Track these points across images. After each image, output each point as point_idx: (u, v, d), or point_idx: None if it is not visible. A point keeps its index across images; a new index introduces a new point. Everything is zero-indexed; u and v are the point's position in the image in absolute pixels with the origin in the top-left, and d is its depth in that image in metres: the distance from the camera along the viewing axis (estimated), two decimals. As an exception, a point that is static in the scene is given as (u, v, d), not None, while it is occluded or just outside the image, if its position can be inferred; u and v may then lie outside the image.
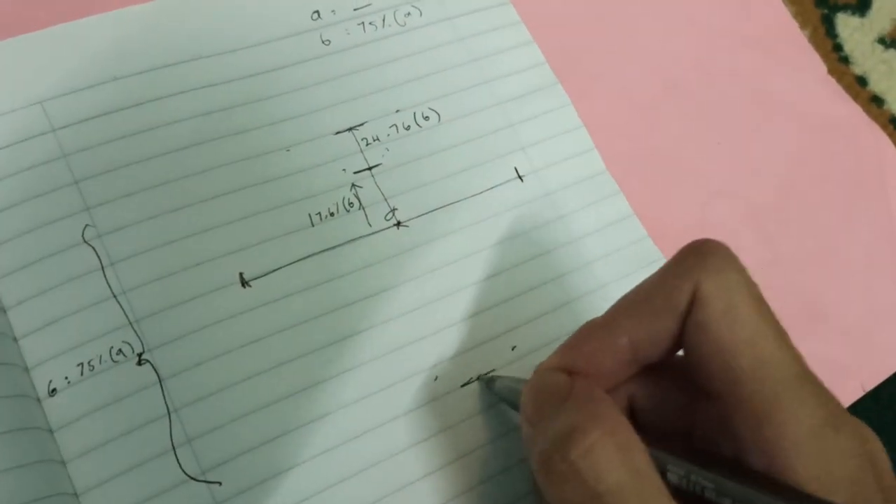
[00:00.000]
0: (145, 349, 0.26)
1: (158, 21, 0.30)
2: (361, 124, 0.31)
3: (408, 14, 0.33)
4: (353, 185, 0.30)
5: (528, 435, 0.22)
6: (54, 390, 0.25)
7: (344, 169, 0.30)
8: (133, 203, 0.28)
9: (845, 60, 0.41)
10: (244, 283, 0.28)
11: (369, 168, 0.31)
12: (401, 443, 0.27)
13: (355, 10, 0.33)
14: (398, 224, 0.30)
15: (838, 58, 0.41)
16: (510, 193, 0.32)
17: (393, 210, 0.30)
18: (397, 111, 0.32)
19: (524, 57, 0.34)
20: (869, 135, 0.38)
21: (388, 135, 0.31)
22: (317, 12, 0.32)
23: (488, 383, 0.28)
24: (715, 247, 0.21)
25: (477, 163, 0.32)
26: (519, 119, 0.33)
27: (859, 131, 0.38)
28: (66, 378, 0.25)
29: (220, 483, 0.25)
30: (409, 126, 0.32)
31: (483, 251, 0.30)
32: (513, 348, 0.29)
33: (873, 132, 0.38)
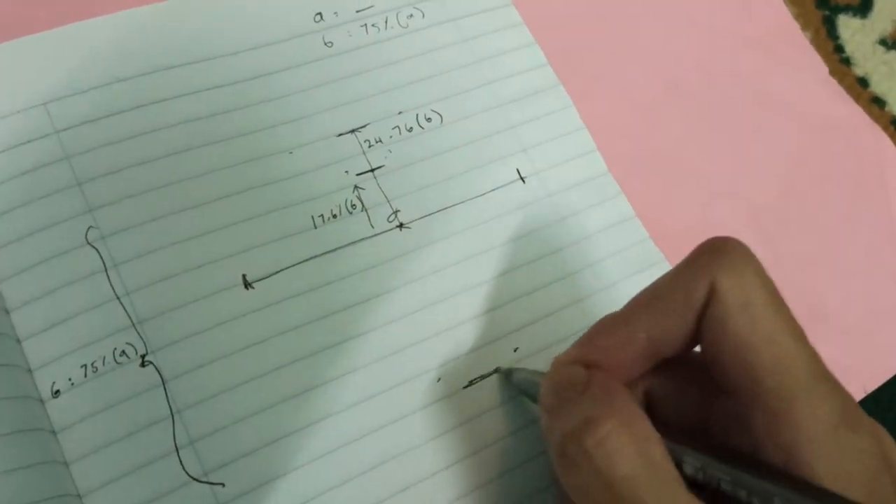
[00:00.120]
0: (148, 351, 0.26)
1: (161, 23, 0.30)
2: (364, 126, 0.31)
3: (410, 16, 0.33)
4: (356, 187, 0.30)
5: (547, 425, 0.22)
6: (57, 392, 0.25)
7: (346, 171, 0.30)
8: (136, 205, 0.28)
9: (846, 62, 0.41)
10: (247, 285, 0.28)
11: (372, 170, 0.31)
12: (404, 444, 0.27)
13: (357, 12, 0.33)
14: (401, 226, 0.30)
15: (839, 59, 0.41)
16: (512, 195, 0.32)
17: (395, 212, 0.30)
18: (400, 113, 0.32)
19: (526, 58, 0.35)
20: (870, 136, 0.38)
21: (391, 136, 0.31)
22: (319, 14, 0.32)
23: (507, 375, 0.28)
24: (732, 244, 0.22)
25: (479, 164, 0.32)
26: (521, 120, 0.33)
27: (860, 132, 0.38)
28: (70, 379, 0.25)
29: (224, 484, 0.25)
30: (412, 128, 0.32)
31: (485, 253, 0.30)
32: (515, 349, 0.29)
33: (874, 133, 0.38)
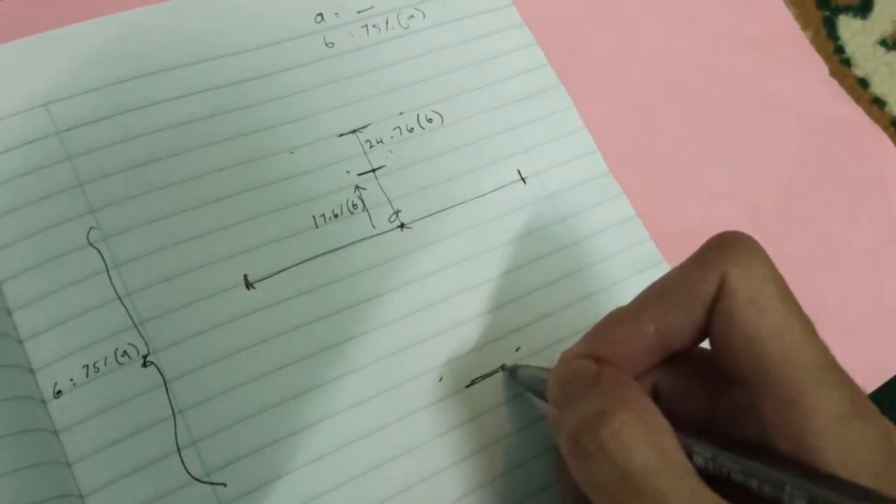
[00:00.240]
0: (150, 351, 0.26)
1: (162, 23, 0.30)
2: (365, 126, 0.31)
3: (411, 17, 0.34)
4: (357, 187, 0.30)
5: (556, 418, 0.22)
6: (59, 392, 0.25)
7: (348, 171, 0.30)
8: (138, 205, 0.28)
9: (847, 62, 0.41)
10: (248, 285, 0.28)
11: (373, 170, 0.31)
12: (406, 444, 0.27)
13: (358, 13, 0.33)
14: (402, 226, 0.30)
15: (840, 60, 0.41)
16: (513, 195, 0.32)
17: (397, 212, 0.30)
18: (401, 113, 0.32)
19: (527, 59, 0.35)
20: (870, 136, 0.38)
21: (392, 137, 0.31)
22: (320, 15, 0.33)
23: (511, 372, 0.28)
24: (742, 238, 0.22)
25: (480, 165, 0.32)
26: (522, 121, 0.33)
27: (860, 133, 0.38)
28: (72, 380, 0.25)
29: (225, 484, 0.25)
30: (413, 128, 0.32)
31: (486, 253, 0.30)
32: (517, 349, 0.29)
33: (875, 134, 0.38)
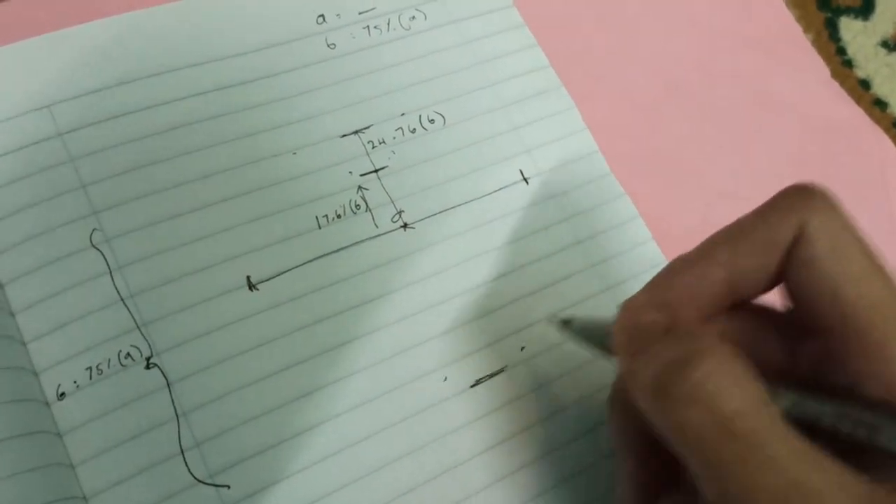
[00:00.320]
0: (153, 353, 0.26)
1: (164, 25, 0.30)
2: (367, 127, 0.31)
3: (412, 18, 0.34)
4: (360, 188, 0.30)
5: (630, 367, 0.21)
6: (63, 394, 0.25)
7: (350, 171, 0.30)
8: (140, 207, 0.28)
9: (848, 64, 0.41)
10: (251, 287, 0.28)
11: (375, 171, 0.31)
12: (409, 445, 0.27)
13: (360, 14, 0.33)
14: (405, 226, 0.30)
15: (841, 61, 0.41)
16: (516, 196, 0.32)
17: (400, 212, 0.30)
18: (403, 114, 0.32)
19: (528, 60, 0.35)
20: (871, 138, 0.38)
21: (394, 138, 0.31)
22: (322, 16, 0.33)
23: (563, 325, 0.27)
24: (820, 189, 0.21)
25: (482, 165, 0.32)
26: (524, 122, 0.33)
27: (862, 134, 0.38)
28: (75, 382, 0.25)
29: (229, 486, 0.25)
30: (415, 129, 0.32)
31: (489, 253, 0.30)
32: (522, 349, 0.29)
33: (876, 135, 0.38)
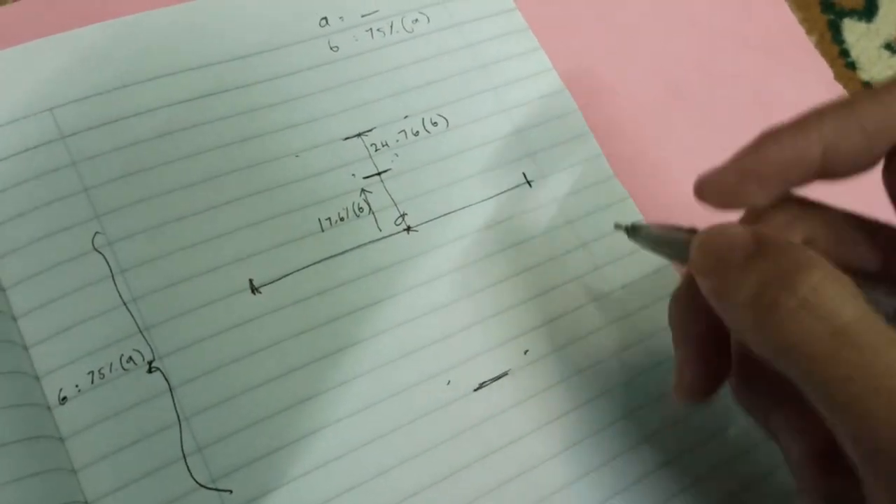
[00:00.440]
0: (155, 357, 0.26)
1: (167, 28, 0.30)
2: (370, 130, 0.31)
3: (415, 20, 0.34)
4: (363, 191, 0.30)
5: (722, 286, 0.20)
6: (65, 398, 0.25)
7: (353, 174, 0.30)
8: (143, 210, 0.28)
9: (852, 66, 0.41)
10: (254, 290, 0.28)
11: (378, 173, 0.31)
12: (413, 448, 0.27)
13: (363, 17, 0.33)
14: (408, 229, 0.30)
15: (845, 63, 0.41)
16: (519, 198, 0.32)
17: (402, 215, 0.30)
18: (406, 117, 0.32)
19: (531, 63, 0.35)
20: (876, 139, 0.38)
21: (397, 140, 0.31)
22: (325, 19, 0.33)
23: (632, 231, 0.26)
24: None
25: (485, 168, 0.32)
26: (527, 125, 0.33)
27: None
28: (77, 386, 0.25)
29: (231, 491, 0.25)
30: (418, 132, 0.32)
31: (493, 256, 0.30)
32: (525, 352, 0.29)
33: (880, 136, 0.38)
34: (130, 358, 0.26)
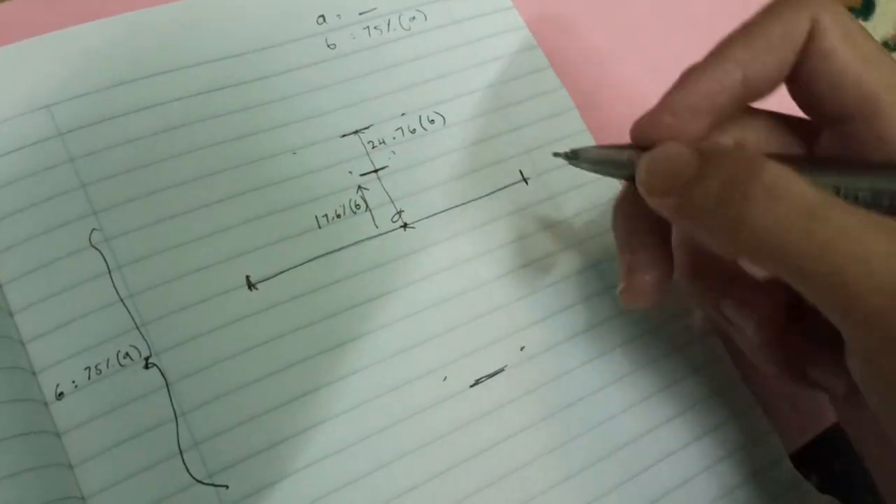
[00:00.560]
0: (152, 353, 0.26)
1: (164, 25, 0.30)
2: (367, 127, 0.31)
3: (413, 18, 0.34)
4: (360, 188, 0.30)
5: (686, 190, 0.21)
6: (61, 394, 0.25)
7: (350, 171, 0.30)
8: (140, 207, 0.28)
9: (849, 63, 0.41)
10: (251, 286, 0.28)
11: (375, 170, 0.31)
12: (410, 444, 0.27)
13: (360, 15, 0.33)
14: (405, 226, 0.30)
15: (842, 61, 0.41)
16: (515, 196, 0.32)
17: (399, 212, 0.30)
18: (403, 114, 0.32)
19: (528, 61, 0.35)
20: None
21: (394, 138, 0.31)
22: (322, 16, 0.33)
23: (571, 156, 0.26)
24: None
25: (482, 166, 0.32)
26: (523, 122, 0.33)
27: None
28: (74, 382, 0.25)
29: (228, 486, 0.25)
30: (415, 129, 0.32)
31: (489, 253, 0.30)
32: (521, 349, 0.29)
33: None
34: (127, 354, 0.26)
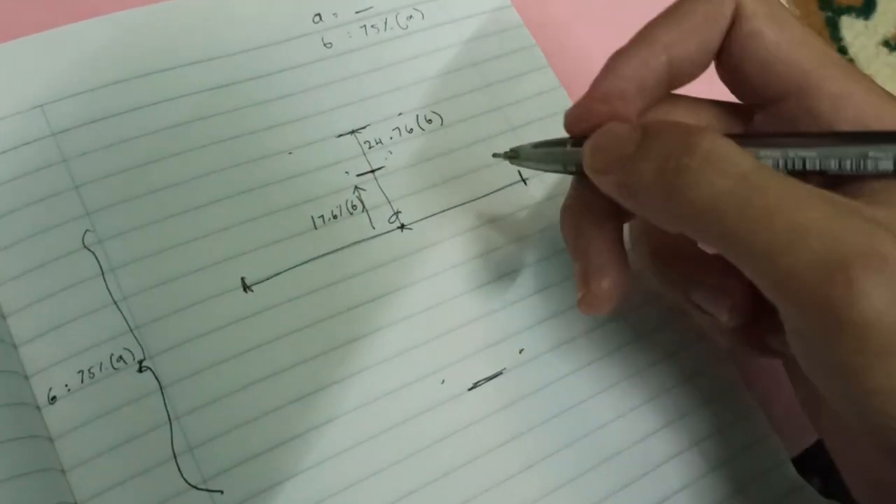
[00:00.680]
0: (146, 356, 0.26)
1: (159, 24, 0.30)
2: (364, 127, 0.31)
3: (409, 17, 0.33)
4: (356, 188, 0.30)
5: (627, 167, 0.21)
6: (54, 398, 0.25)
7: (347, 172, 0.30)
8: (134, 208, 0.27)
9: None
10: (246, 288, 0.27)
11: (372, 171, 0.30)
12: (406, 449, 0.27)
13: (357, 13, 0.33)
14: (402, 227, 0.30)
15: (842, 60, 0.40)
16: (514, 197, 0.31)
17: (396, 213, 0.30)
18: (400, 114, 0.32)
19: (526, 60, 0.34)
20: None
21: (391, 138, 0.31)
22: (318, 15, 0.32)
23: (511, 156, 0.27)
24: None
25: (480, 166, 0.32)
26: (521, 122, 0.33)
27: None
28: (67, 385, 0.25)
29: (222, 492, 0.25)
30: (412, 129, 0.31)
31: (487, 254, 0.30)
32: (520, 351, 0.29)
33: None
34: (121, 357, 0.26)
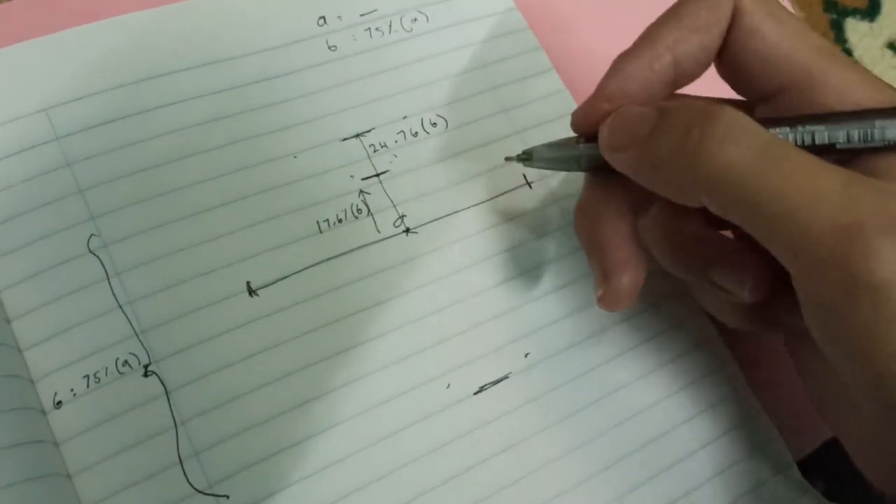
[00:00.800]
0: (151, 360, 0.26)
1: (163, 27, 0.30)
2: (369, 131, 0.31)
3: (414, 20, 0.33)
4: (362, 192, 0.30)
5: (646, 144, 0.22)
6: (60, 402, 0.25)
7: (352, 175, 0.30)
8: (139, 212, 0.27)
9: (854, 65, 0.40)
10: (251, 293, 0.27)
11: (377, 174, 0.30)
12: (413, 452, 0.27)
13: (362, 16, 0.33)
14: (407, 231, 0.30)
15: (847, 62, 0.40)
16: (519, 200, 0.31)
17: (402, 216, 0.30)
18: (405, 117, 0.31)
19: (531, 63, 0.34)
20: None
21: (396, 141, 0.31)
22: (323, 18, 0.32)
23: (524, 158, 0.27)
24: None
25: (485, 169, 0.31)
26: (526, 125, 0.33)
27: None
28: (72, 390, 0.25)
29: (228, 496, 0.25)
30: (417, 133, 0.31)
31: (493, 258, 0.30)
32: (526, 355, 0.29)
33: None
34: (126, 361, 0.26)
